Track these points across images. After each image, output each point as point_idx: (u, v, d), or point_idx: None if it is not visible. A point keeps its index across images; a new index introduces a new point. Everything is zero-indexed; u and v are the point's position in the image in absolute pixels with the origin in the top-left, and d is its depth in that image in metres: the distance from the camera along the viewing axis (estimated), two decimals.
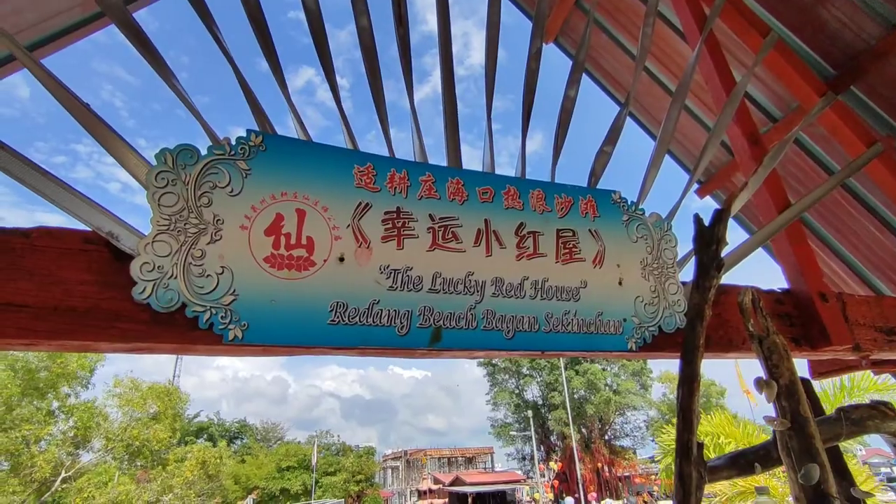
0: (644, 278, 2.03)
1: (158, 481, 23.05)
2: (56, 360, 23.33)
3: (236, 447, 52.18)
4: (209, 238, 1.48)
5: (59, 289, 1.35)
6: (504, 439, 58.88)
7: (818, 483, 1.59)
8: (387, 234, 1.69)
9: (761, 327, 2.00)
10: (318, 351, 1.54)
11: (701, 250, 1.75)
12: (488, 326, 1.71)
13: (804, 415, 1.78)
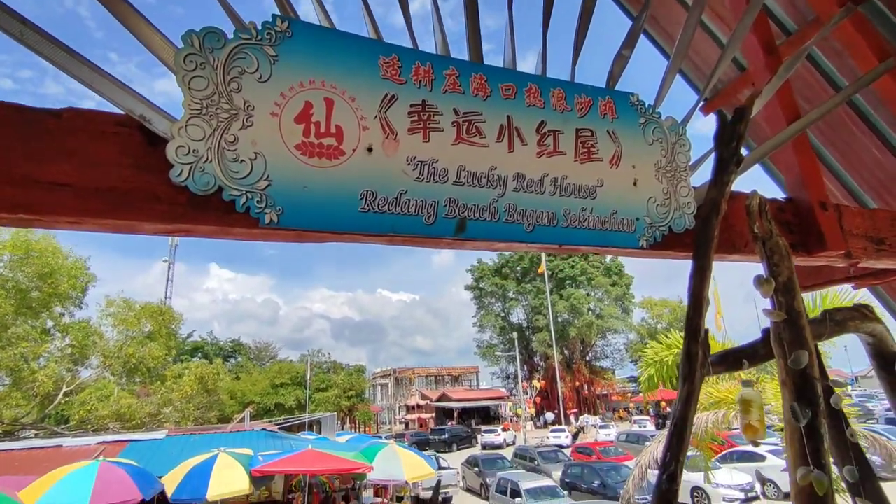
0: (658, 180, 2.09)
1: (158, 395, 23.98)
2: (46, 280, 23.43)
3: (231, 365, 53.99)
4: (241, 124, 1.49)
5: (98, 170, 1.37)
6: (489, 359, 61.66)
7: (804, 368, 1.73)
8: (413, 126, 1.71)
9: (765, 230, 2.08)
10: (348, 238, 1.60)
11: (722, 146, 1.80)
12: (510, 219, 1.78)
13: (798, 309, 1.90)
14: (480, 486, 21.10)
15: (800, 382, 1.77)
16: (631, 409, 54.51)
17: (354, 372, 54.41)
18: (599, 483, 16.73)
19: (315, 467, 12.10)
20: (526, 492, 15.20)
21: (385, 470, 12.84)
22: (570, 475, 18.53)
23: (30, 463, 12.11)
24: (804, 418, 1.64)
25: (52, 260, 23.16)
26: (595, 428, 39.17)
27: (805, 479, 1.37)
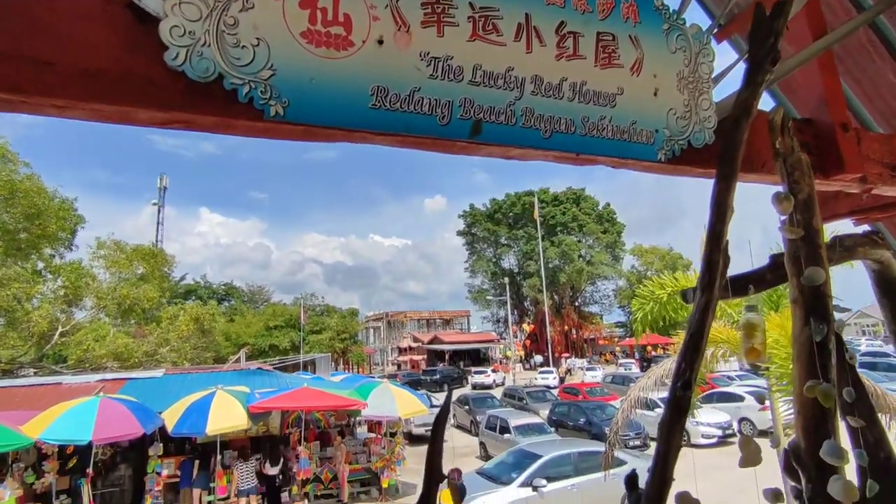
0: (679, 91, 1.99)
1: (155, 335, 24.23)
2: (34, 221, 23.08)
3: (224, 308, 54.46)
4: (241, 5, 1.36)
5: (85, 50, 1.24)
6: (480, 304, 62.75)
7: (819, 286, 1.69)
8: (426, 18, 1.57)
9: (787, 146, 2.01)
10: (359, 137, 1.50)
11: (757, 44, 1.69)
12: (527, 124, 1.68)
13: (816, 227, 1.85)
14: (471, 423, 21.93)
15: (813, 299, 1.74)
16: (617, 352, 56.24)
17: (347, 315, 55.22)
18: (585, 420, 17.42)
19: (311, 404, 12.43)
20: (514, 428, 15.82)
21: (379, 407, 13.22)
22: (556, 413, 19.26)
23: (30, 399, 12.32)
24: (818, 334, 1.62)
25: (39, 200, 22.71)
26: (582, 370, 40.50)
27: (812, 392, 1.36)
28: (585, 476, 10.27)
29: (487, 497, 9.64)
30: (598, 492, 10.23)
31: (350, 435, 15.22)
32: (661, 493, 1.11)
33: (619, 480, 10.52)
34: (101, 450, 12.37)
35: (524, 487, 9.77)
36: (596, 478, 10.29)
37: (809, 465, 1.31)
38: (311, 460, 12.53)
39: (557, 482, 10.11)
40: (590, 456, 10.85)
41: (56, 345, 23.58)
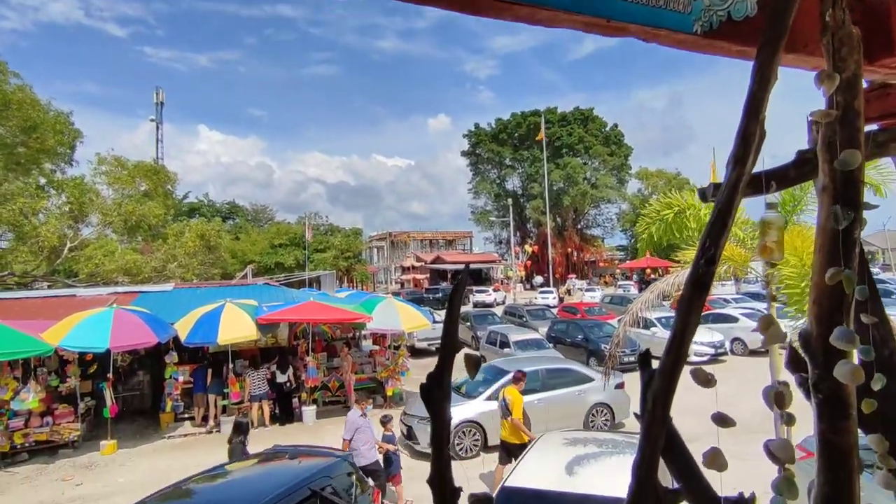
0: None
1: (162, 252, 24.60)
2: (31, 134, 22.69)
3: (229, 226, 54.84)
4: None
5: None
6: (483, 225, 62.96)
7: (852, 171, 1.63)
8: None
9: (837, 18, 1.87)
10: None
11: None
12: None
13: (857, 109, 1.75)
14: (472, 338, 22.75)
15: (843, 186, 1.67)
16: (617, 275, 57.18)
17: (351, 234, 55.69)
18: (582, 337, 18.03)
19: (317, 317, 12.83)
20: (514, 343, 16.43)
21: (384, 321, 13.66)
22: (555, 330, 19.91)
23: (46, 309, 12.72)
24: (845, 220, 1.58)
25: (33, 113, 22.22)
26: (581, 291, 41.41)
27: (835, 278, 1.34)
28: (552, 391, 10.62)
29: (453, 409, 10.08)
30: (563, 406, 10.52)
31: (356, 347, 15.85)
32: (675, 370, 1.13)
33: (584, 396, 10.93)
34: (120, 357, 12.99)
35: (490, 401, 9.94)
36: (562, 393, 10.70)
37: (818, 352, 1.33)
38: (319, 369, 13.13)
39: (524, 396, 10.56)
40: (558, 373, 11.19)
41: (66, 260, 24.02)
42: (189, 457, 10.29)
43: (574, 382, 11.04)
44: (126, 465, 10.25)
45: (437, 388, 1.21)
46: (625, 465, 4.49)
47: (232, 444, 7.19)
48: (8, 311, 11.57)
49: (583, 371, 11.57)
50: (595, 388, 11.00)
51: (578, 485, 4.53)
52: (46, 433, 10.83)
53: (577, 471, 4.78)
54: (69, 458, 10.62)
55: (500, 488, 4.68)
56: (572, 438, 5.83)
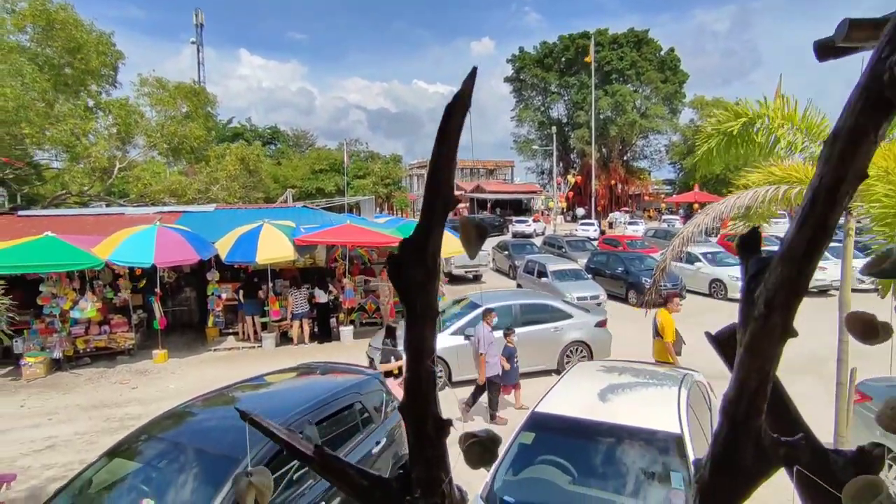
0: None
1: (205, 174, 25.02)
2: (75, 55, 22.79)
3: (271, 151, 55.22)
4: None
5: None
6: (525, 154, 61.03)
7: None
8: None
9: None
10: None
11: None
12: None
13: None
14: (509, 267, 22.63)
15: None
16: (662, 209, 55.13)
17: (391, 161, 55.21)
18: (622, 270, 17.57)
19: (353, 239, 12.85)
20: (552, 273, 16.16)
21: None
22: (594, 262, 19.49)
23: (98, 226, 13.19)
24: None
25: (76, 33, 22.19)
26: (623, 224, 40.23)
27: None
28: (525, 328, 9.81)
29: None
30: (536, 343, 9.94)
31: None
32: (813, 254, 0.79)
33: (560, 333, 10.31)
34: (167, 273, 13.52)
35: (455, 336, 9.62)
36: (536, 329, 10.07)
37: None
38: (356, 292, 13.34)
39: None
40: (534, 308, 10.56)
41: (117, 180, 24.82)
42: (233, 368, 10.83)
43: (551, 319, 10.30)
44: (176, 373, 10.90)
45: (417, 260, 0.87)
46: (663, 397, 4.25)
47: (383, 346, 7.66)
48: (65, 227, 12.05)
49: (561, 307, 10.83)
50: (573, 325, 10.44)
51: (612, 414, 4.39)
52: (105, 340, 11.58)
53: (612, 400, 4.63)
54: (126, 365, 11.37)
55: (531, 414, 4.60)
56: (609, 367, 5.67)
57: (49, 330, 11.00)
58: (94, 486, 4.08)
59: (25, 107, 18.63)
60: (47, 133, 20.34)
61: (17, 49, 20.49)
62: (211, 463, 3.92)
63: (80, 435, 8.04)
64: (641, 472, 3.97)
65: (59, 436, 8.02)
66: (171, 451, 4.12)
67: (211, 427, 4.54)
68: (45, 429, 8.28)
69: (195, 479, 3.86)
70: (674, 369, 5.65)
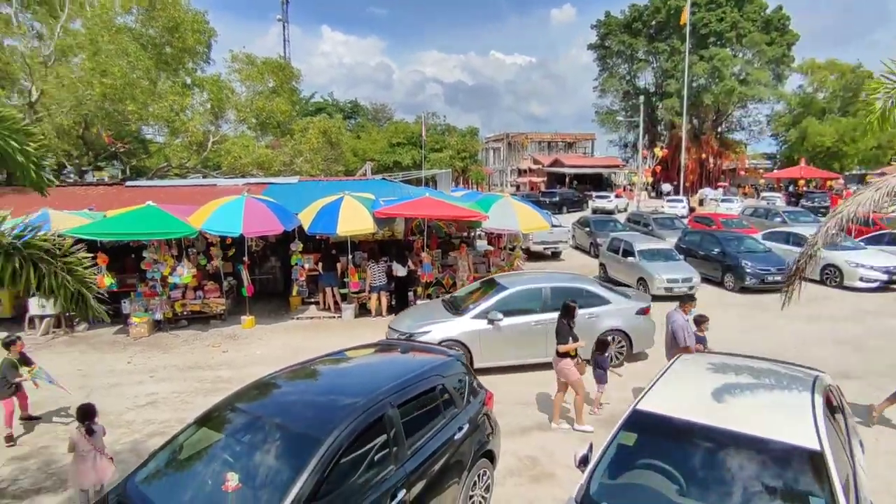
0: None
1: (289, 147, 25.84)
2: (174, 34, 24.01)
3: (351, 125, 56.30)
4: None
5: None
6: (607, 126, 58.00)
7: None
8: None
9: None
10: None
11: None
12: None
13: None
14: (590, 245, 21.62)
15: None
16: (759, 185, 50.54)
17: (468, 134, 54.56)
18: (719, 251, 16.12)
19: (432, 212, 12.62)
20: (639, 252, 15.12)
21: (500, 220, 13.13)
22: (686, 241, 18.08)
23: (193, 196, 13.87)
24: None
25: (175, 12, 23.35)
26: (716, 201, 37.24)
27: None
28: (556, 313, 8.78)
29: (438, 326, 8.85)
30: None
31: (470, 246, 15.68)
32: None
33: (596, 320, 9.21)
34: (254, 243, 14.05)
35: (478, 319, 8.92)
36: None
37: None
38: (434, 266, 13.18)
39: (518, 317, 9.02)
40: (567, 292, 9.32)
41: (211, 153, 26.23)
42: (314, 338, 11.10)
43: (585, 305, 9.13)
44: (262, 339, 11.32)
45: None
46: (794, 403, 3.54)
47: (559, 325, 7.25)
48: (165, 197, 12.77)
49: (597, 291, 9.73)
50: (610, 311, 9.41)
51: (731, 419, 3.81)
52: (199, 305, 12.24)
53: (730, 402, 4.04)
54: (218, 329, 11.97)
55: (632, 411, 4.12)
56: (719, 362, 5.02)
57: (151, 293, 11.77)
58: (185, 451, 4.14)
59: (131, 84, 19.88)
60: (150, 109, 21.68)
61: (124, 30, 21.86)
62: (293, 441, 3.82)
63: (176, 394, 8.51)
64: (767, 492, 3.41)
65: (159, 393, 8.53)
66: (255, 424, 4.08)
67: (293, 402, 4.47)
68: (147, 385, 8.85)
69: (276, 457, 3.79)
70: (799, 369, 4.90)
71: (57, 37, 20.19)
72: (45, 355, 9.95)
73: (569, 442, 6.78)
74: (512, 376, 8.95)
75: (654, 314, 9.85)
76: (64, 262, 3.69)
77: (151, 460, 4.13)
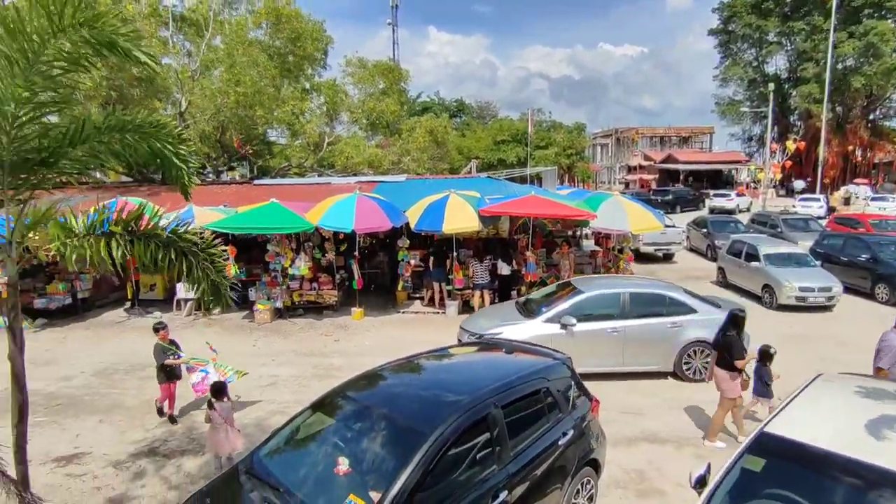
0: None
1: (397, 146, 26.86)
2: (296, 44, 25.95)
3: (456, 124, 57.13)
4: None
5: None
6: (729, 118, 53.03)
7: None
8: None
9: None
10: None
11: None
12: None
13: None
14: (707, 247, 20.02)
15: None
16: None
17: (574, 130, 53.00)
18: (869, 257, 14.11)
19: (538, 211, 12.41)
20: (765, 256, 13.71)
21: (609, 219, 12.59)
22: (824, 245, 16.07)
23: (310, 194, 14.90)
24: None
25: (298, 24, 25.23)
26: (865, 200, 32.62)
27: None
28: (635, 321, 8.52)
29: (508, 328, 8.56)
30: (646, 339, 8.53)
31: (576, 245, 15.22)
32: None
33: (679, 330, 8.46)
34: (363, 238, 14.77)
35: (550, 324, 8.47)
36: (647, 324, 8.55)
37: None
38: (538, 265, 12.97)
39: (594, 322, 8.54)
40: (648, 299, 8.85)
41: (326, 153, 28.05)
42: (419, 332, 11.44)
43: (668, 313, 8.68)
44: (370, 330, 11.88)
45: None
46: None
47: (725, 336, 6.81)
48: (286, 195, 13.88)
49: (682, 299, 8.86)
50: (697, 321, 8.56)
51: (879, 453, 3.31)
52: (314, 295, 13.14)
53: (888, 436, 3.50)
54: (330, 319, 12.77)
55: (760, 433, 3.73)
56: (870, 388, 4.37)
57: (273, 283, 12.84)
58: (301, 432, 4.45)
59: (260, 92, 21.83)
60: (275, 114, 23.66)
61: (255, 43, 24.05)
62: (399, 433, 3.96)
63: (295, 378, 9.21)
64: None
65: (280, 376, 9.29)
66: (364, 413, 4.28)
67: (399, 395, 4.62)
68: (269, 368, 9.67)
69: (383, 446, 3.95)
70: None
71: (202, 53, 22.72)
72: (188, 334, 11.28)
73: (679, 458, 6.34)
74: (618, 383, 8.57)
75: (777, 324, 8.90)
76: (207, 254, 4.15)
77: (273, 438, 4.50)
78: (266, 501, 3.73)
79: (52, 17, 3.34)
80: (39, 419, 7.55)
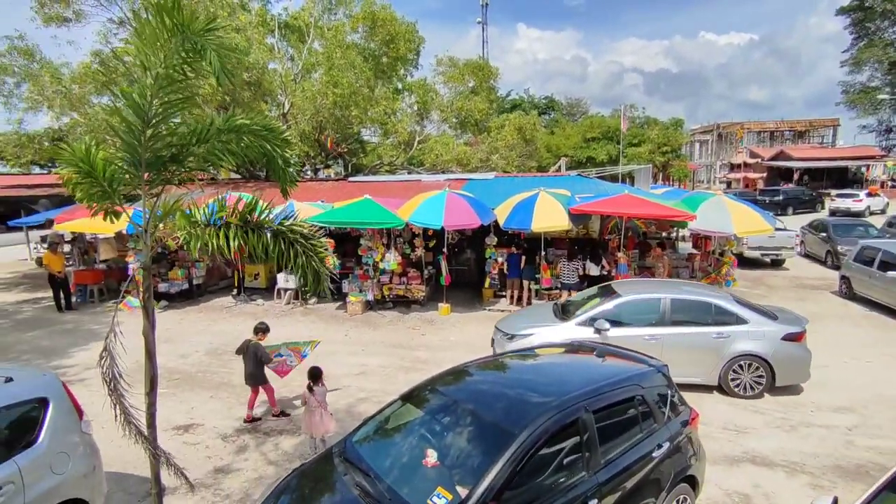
0: None
1: (486, 144, 26.88)
2: (389, 45, 26.78)
3: (545, 121, 56.12)
4: None
5: None
6: (861, 108, 47.02)
7: None
8: None
9: None
10: None
11: None
12: None
13: None
14: (826, 253, 18.07)
15: None
16: None
17: (670, 126, 50.06)
18: None
19: (631, 210, 11.87)
20: None
21: (710, 220, 11.75)
22: None
23: (401, 191, 15.33)
24: None
25: (392, 27, 26.03)
26: None
27: None
28: (675, 328, 7.96)
29: (541, 329, 8.30)
30: (688, 349, 7.88)
31: (671, 248, 14.39)
32: None
33: (725, 342, 7.71)
34: (451, 235, 14.94)
35: (584, 327, 8.08)
36: (689, 332, 7.96)
37: None
38: (630, 267, 12.42)
39: (630, 328, 8.06)
40: (691, 307, 8.16)
41: (416, 151, 28.74)
42: None
43: (713, 322, 8.00)
44: (457, 325, 12.00)
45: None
46: None
47: None
48: (378, 191, 14.40)
49: (731, 308, 8.02)
50: (746, 333, 7.81)
51: None
52: (403, 290, 13.50)
53: None
54: (417, 313, 13.06)
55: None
56: None
57: (365, 276, 13.36)
58: (391, 422, 4.59)
59: (355, 93, 22.80)
60: (368, 113, 24.60)
61: (352, 46, 25.15)
62: (486, 431, 3.95)
63: (383, 367, 9.54)
64: None
65: (369, 365, 9.66)
66: (451, 408, 4.32)
67: (486, 392, 4.61)
68: (359, 357, 10.09)
69: (469, 442, 3.97)
70: None
71: (304, 58, 24.13)
72: (287, 322, 12.05)
73: (790, 486, 5.78)
74: (720, 396, 8.00)
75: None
76: (311, 244, 4.42)
77: (364, 425, 4.68)
78: (357, 485, 3.89)
79: (178, 26, 3.71)
80: (162, 390, 8.34)
